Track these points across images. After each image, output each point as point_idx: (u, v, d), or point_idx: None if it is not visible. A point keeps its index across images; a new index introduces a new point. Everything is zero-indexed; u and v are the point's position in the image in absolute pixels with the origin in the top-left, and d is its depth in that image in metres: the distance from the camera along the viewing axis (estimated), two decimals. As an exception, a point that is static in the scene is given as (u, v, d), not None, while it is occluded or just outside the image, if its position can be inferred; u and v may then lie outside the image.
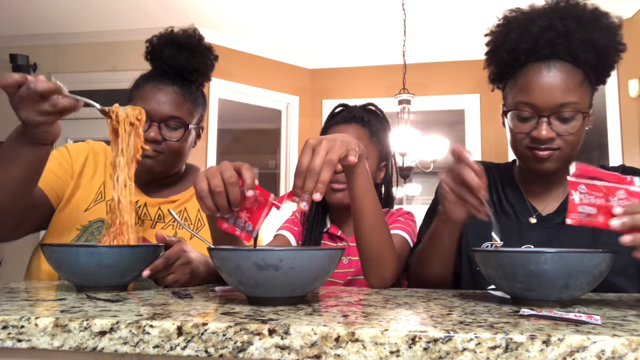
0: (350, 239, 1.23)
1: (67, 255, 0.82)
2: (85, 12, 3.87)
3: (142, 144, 0.99)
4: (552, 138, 0.99)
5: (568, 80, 0.98)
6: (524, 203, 1.11)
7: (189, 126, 1.22)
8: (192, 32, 1.25)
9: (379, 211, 0.97)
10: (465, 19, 3.84)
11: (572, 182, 0.75)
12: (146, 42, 1.26)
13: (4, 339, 0.57)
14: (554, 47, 0.99)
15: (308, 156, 0.81)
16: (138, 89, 1.22)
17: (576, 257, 0.69)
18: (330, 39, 4.26)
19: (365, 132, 1.23)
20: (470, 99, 4.46)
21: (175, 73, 1.23)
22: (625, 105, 3.59)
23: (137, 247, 0.88)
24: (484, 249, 0.80)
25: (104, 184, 1.25)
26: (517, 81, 1.03)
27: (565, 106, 0.98)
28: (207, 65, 1.27)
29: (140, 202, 1.24)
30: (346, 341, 0.51)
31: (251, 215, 0.83)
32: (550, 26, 0.99)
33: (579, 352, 0.49)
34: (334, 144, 0.83)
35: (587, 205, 0.74)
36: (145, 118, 1.15)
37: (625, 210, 0.71)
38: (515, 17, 1.05)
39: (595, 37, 0.98)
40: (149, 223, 1.23)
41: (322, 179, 0.80)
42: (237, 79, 4.36)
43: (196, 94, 1.26)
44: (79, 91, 0.95)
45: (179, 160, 1.26)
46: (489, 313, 0.65)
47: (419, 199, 7.56)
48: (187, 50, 1.23)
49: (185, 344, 0.54)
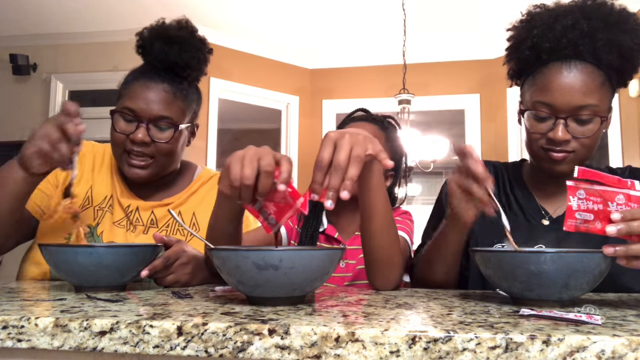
0: (348, 242, 1.21)
1: (66, 256, 0.82)
2: (85, 12, 3.87)
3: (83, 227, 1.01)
4: (568, 140, 0.97)
5: (588, 82, 0.96)
6: (534, 204, 1.09)
7: (180, 126, 1.16)
8: (185, 24, 1.18)
9: (389, 210, 0.93)
10: (466, 19, 3.84)
11: (570, 187, 0.74)
12: (136, 35, 1.19)
13: (4, 339, 0.57)
14: (577, 47, 0.97)
15: (329, 149, 0.76)
16: (127, 87, 1.16)
17: (576, 257, 0.69)
18: (330, 39, 4.26)
19: (382, 135, 1.20)
20: (470, 99, 4.46)
21: (165, 69, 1.16)
22: (625, 105, 3.59)
23: (136, 247, 0.88)
24: (483, 249, 0.80)
25: (91, 189, 1.20)
26: (537, 80, 1.00)
27: (583, 108, 0.95)
28: (199, 60, 1.20)
29: (132, 206, 1.20)
30: (346, 341, 0.51)
31: (277, 210, 0.80)
32: (574, 25, 0.96)
33: (579, 352, 0.49)
34: (358, 138, 0.78)
35: (584, 211, 0.73)
36: (133, 118, 1.13)
37: (622, 217, 0.71)
38: (539, 13, 1.02)
39: (620, 39, 0.95)
40: (141, 228, 1.19)
41: (350, 175, 0.75)
42: (237, 79, 4.36)
43: (188, 90, 1.19)
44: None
45: (171, 162, 1.20)
46: (489, 313, 0.65)
47: (419, 199, 7.56)
48: (178, 44, 1.15)
49: (185, 344, 0.54)
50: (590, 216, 0.73)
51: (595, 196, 0.73)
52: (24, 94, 4.27)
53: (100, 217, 1.18)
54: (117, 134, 1.14)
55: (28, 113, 4.24)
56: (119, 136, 1.13)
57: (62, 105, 0.92)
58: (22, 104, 4.27)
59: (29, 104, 4.26)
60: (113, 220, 1.18)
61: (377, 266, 0.94)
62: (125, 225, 1.19)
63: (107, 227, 1.17)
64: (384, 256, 0.93)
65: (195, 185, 1.27)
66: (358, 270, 1.17)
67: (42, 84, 4.25)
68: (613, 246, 0.69)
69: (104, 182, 1.22)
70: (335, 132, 0.80)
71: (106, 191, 1.21)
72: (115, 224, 1.18)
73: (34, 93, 4.26)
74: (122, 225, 1.18)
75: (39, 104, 4.23)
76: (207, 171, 1.33)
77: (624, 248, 0.69)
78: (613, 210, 0.72)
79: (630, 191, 0.73)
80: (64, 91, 4.24)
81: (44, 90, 4.24)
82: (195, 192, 1.26)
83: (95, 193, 1.20)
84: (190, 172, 1.31)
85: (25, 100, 4.27)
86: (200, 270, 0.98)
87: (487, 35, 3.98)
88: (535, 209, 1.08)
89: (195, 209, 1.23)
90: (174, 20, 1.19)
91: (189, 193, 1.25)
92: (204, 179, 1.29)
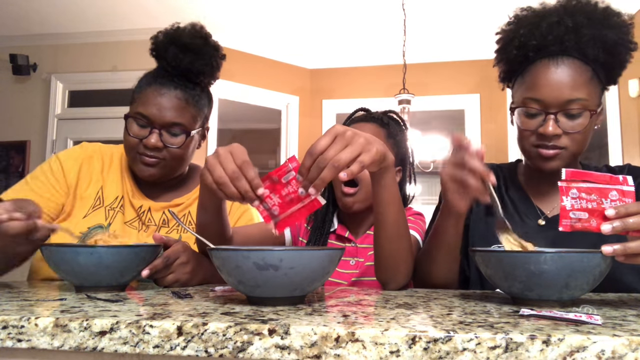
0: (359, 240, 1.22)
1: (66, 256, 0.82)
2: (85, 12, 3.87)
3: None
4: (558, 135, 0.98)
5: (576, 76, 0.97)
6: (529, 205, 1.09)
7: (191, 133, 1.19)
8: (199, 30, 1.20)
9: (402, 220, 0.94)
10: (465, 19, 3.84)
11: (562, 188, 0.74)
12: (151, 39, 1.21)
13: (4, 339, 0.57)
14: (563, 43, 0.99)
15: (325, 142, 0.78)
16: (140, 91, 1.18)
17: (576, 257, 0.69)
18: (330, 39, 4.26)
19: (382, 132, 1.20)
20: (470, 99, 4.46)
21: (178, 75, 1.18)
22: (625, 105, 3.59)
23: (136, 247, 0.88)
24: (483, 249, 0.80)
25: (101, 189, 1.22)
26: (525, 78, 1.02)
27: (572, 102, 0.97)
28: (212, 67, 1.23)
29: (144, 207, 1.22)
30: (346, 341, 0.51)
31: (282, 203, 0.81)
32: (559, 22, 0.99)
33: (579, 352, 0.49)
34: (356, 140, 0.80)
35: (578, 210, 0.73)
36: (146, 123, 1.15)
37: (617, 212, 0.71)
38: (525, 15, 1.05)
39: (604, 34, 0.97)
40: (153, 228, 1.21)
41: (323, 176, 0.77)
42: (237, 79, 4.36)
43: (200, 96, 1.22)
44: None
45: (181, 165, 1.23)
46: (489, 313, 0.65)
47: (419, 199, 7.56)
48: (192, 51, 1.17)
49: (185, 344, 0.54)
50: (585, 215, 0.73)
51: (589, 194, 0.73)
52: (24, 94, 4.27)
53: (111, 217, 1.19)
54: (130, 138, 1.17)
55: (28, 113, 4.24)
56: (132, 140, 1.16)
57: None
58: (22, 104, 4.27)
59: (29, 104, 4.26)
60: (125, 220, 1.20)
61: (386, 269, 0.96)
62: (137, 225, 1.20)
63: (119, 227, 1.18)
64: (392, 263, 0.95)
65: None
66: (366, 267, 1.18)
67: (42, 84, 4.25)
68: (611, 245, 0.69)
69: (115, 182, 1.24)
70: (342, 126, 0.81)
71: (117, 192, 1.23)
72: (127, 224, 1.20)
73: (34, 93, 4.25)
74: (134, 226, 1.20)
75: (39, 104, 4.23)
76: None
77: (621, 247, 0.69)
78: (607, 206, 0.72)
79: (624, 187, 0.73)
80: (64, 91, 4.24)
81: (44, 90, 4.24)
82: None
83: (107, 193, 1.22)
84: (198, 173, 1.33)
85: (25, 100, 4.27)
86: (200, 269, 0.98)
87: (487, 35, 3.97)
88: (530, 209, 1.09)
89: None
90: (188, 24, 1.20)
91: (198, 194, 1.27)
92: None
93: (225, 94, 4.35)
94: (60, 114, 4.20)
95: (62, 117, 4.19)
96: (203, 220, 0.97)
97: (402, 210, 0.95)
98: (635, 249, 0.69)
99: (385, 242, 0.94)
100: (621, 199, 0.72)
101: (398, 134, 1.25)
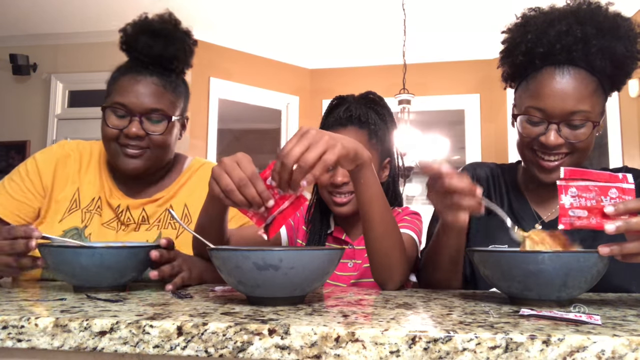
0: (356, 242, 1.21)
1: (66, 256, 0.82)
2: (85, 12, 3.87)
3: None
4: (560, 145, 0.97)
5: (581, 88, 0.96)
6: (527, 210, 1.09)
7: (172, 118, 1.15)
8: (168, 18, 1.18)
9: (388, 217, 0.94)
10: (465, 19, 3.84)
11: (561, 186, 0.74)
12: (119, 32, 1.18)
13: (4, 339, 0.57)
14: (571, 53, 0.97)
15: (291, 144, 0.78)
16: (115, 82, 1.15)
17: (573, 257, 0.69)
18: (330, 39, 4.26)
19: (364, 133, 1.17)
20: (470, 99, 4.46)
21: (152, 62, 1.15)
22: (625, 105, 3.59)
23: (136, 247, 0.88)
24: (481, 249, 0.80)
25: (78, 191, 1.19)
26: (530, 85, 1.01)
27: (576, 114, 0.96)
28: (185, 52, 1.19)
29: (122, 206, 1.18)
30: (346, 341, 0.51)
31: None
32: (568, 31, 0.97)
33: (579, 352, 0.49)
34: (319, 138, 0.80)
35: (578, 208, 0.73)
36: (125, 112, 1.12)
37: (616, 210, 0.71)
38: (534, 17, 1.02)
39: (613, 46, 0.96)
40: (132, 226, 1.18)
41: (294, 179, 0.78)
42: (237, 79, 4.36)
43: (177, 82, 1.19)
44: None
45: (165, 154, 1.19)
46: (489, 313, 0.65)
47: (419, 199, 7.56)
48: (163, 37, 1.15)
49: (185, 344, 0.54)
50: (584, 212, 0.73)
51: (589, 192, 0.73)
52: (24, 94, 4.27)
53: (88, 220, 1.17)
54: (109, 129, 1.13)
55: (28, 113, 4.24)
56: (111, 131, 1.13)
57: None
58: (22, 104, 4.27)
59: (29, 104, 4.26)
60: (102, 221, 1.17)
61: (380, 268, 0.96)
62: (115, 226, 1.18)
63: (95, 229, 1.16)
64: (384, 261, 0.95)
65: (185, 177, 1.26)
66: (364, 269, 1.17)
67: (42, 84, 4.25)
68: (608, 246, 0.69)
69: (92, 182, 1.20)
70: (313, 129, 0.81)
71: (94, 193, 1.19)
72: (105, 225, 1.17)
73: (34, 93, 4.26)
74: (112, 227, 1.17)
75: (39, 104, 4.23)
76: (197, 161, 1.31)
77: (618, 247, 0.69)
78: (607, 204, 0.72)
79: (623, 184, 0.73)
80: (63, 91, 4.24)
81: (44, 90, 4.24)
82: (184, 183, 1.25)
83: (83, 195, 1.19)
84: (180, 164, 1.30)
85: (25, 100, 4.27)
86: (194, 266, 0.97)
87: (487, 35, 3.98)
88: (528, 214, 1.08)
89: (187, 201, 1.22)
90: (156, 15, 1.18)
91: (179, 185, 1.24)
92: (194, 168, 1.28)
93: (225, 94, 4.35)
94: (60, 114, 4.20)
95: (62, 117, 4.19)
96: (203, 223, 0.97)
97: (388, 207, 0.94)
98: (632, 249, 0.69)
99: (374, 242, 0.94)
100: (621, 196, 0.72)
101: (380, 127, 1.20)
